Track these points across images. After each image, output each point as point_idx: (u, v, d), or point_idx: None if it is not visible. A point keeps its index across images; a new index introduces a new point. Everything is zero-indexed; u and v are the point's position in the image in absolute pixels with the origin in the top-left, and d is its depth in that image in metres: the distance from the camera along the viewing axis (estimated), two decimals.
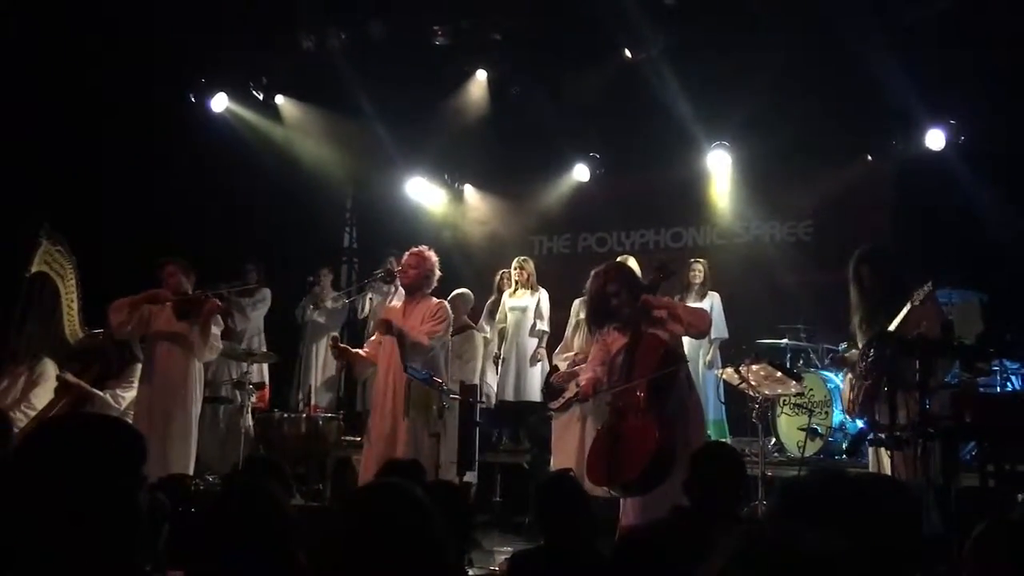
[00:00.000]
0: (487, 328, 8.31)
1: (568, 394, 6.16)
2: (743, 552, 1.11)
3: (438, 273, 5.87)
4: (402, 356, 5.53)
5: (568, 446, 6.05)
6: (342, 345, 6.18)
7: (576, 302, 7.04)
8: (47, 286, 6.31)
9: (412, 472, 3.69)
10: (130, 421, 5.52)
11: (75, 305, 6.32)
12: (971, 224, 7.50)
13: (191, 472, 6.10)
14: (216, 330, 6.27)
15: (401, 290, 6.14)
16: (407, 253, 5.91)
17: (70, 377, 6.17)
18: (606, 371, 5.09)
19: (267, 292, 8.78)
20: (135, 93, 8.36)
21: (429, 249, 5.89)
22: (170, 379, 6.10)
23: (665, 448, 4.40)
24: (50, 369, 6.40)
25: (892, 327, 4.69)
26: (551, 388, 6.32)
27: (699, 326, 4.93)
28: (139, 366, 6.37)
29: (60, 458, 1.61)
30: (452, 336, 6.33)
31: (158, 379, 6.11)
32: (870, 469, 4.89)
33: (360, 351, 6.04)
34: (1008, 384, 6.14)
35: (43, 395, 6.29)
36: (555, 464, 6.16)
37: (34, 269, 6.17)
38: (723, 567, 1.13)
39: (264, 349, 8.41)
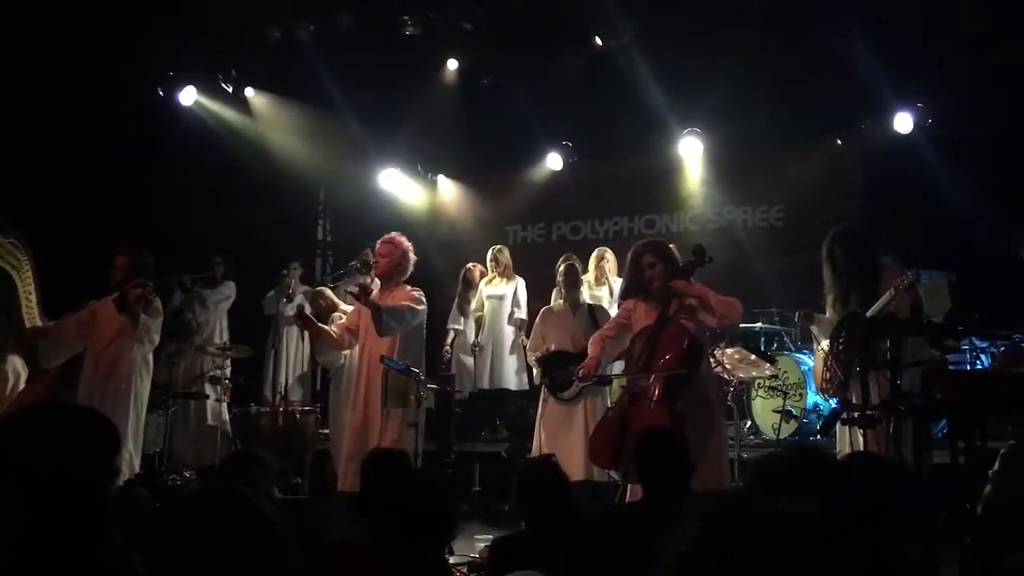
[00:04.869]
0: (460, 319, 8.32)
1: (578, 383, 6.13)
2: (716, 518, 1.13)
3: (412, 258, 5.84)
4: (377, 326, 5.49)
5: (573, 434, 6.03)
6: (307, 315, 6.19)
7: (555, 292, 7.06)
8: (2, 281, 6.13)
9: (398, 462, 3.69)
10: None
11: (33, 297, 6.12)
12: (939, 205, 7.60)
13: (136, 468, 6.02)
14: (149, 319, 6.09)
15: (377, 280, 6.11)
16: (379, 242, 5.88)
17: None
18: (613, 345, 5.06)
19: (232, 285, 8.69)
20: (103, 87, 8.26)
21: (400, 235, 5.86)
22: (111, 373, 5.98)
23: None
24: (19, 366, 6.32)
25: (871, 312, 4.75)
26: (556, 378, 6.24)
27: (732, 317, 4.86)
28: None
29: (30, 447, 1.60)
30: None
31: (99, 374, 5.99)
32: (838, 448, 4.95)
33: (329, 328, 6.05)
34: (978, 362, 6.25)
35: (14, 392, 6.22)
36: (560, 455, 6.14)
37: None
38: (695, 535, 1.14)
39: (227, 342, 8.36)
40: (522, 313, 8.00)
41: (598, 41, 8.65)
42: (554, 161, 9.50)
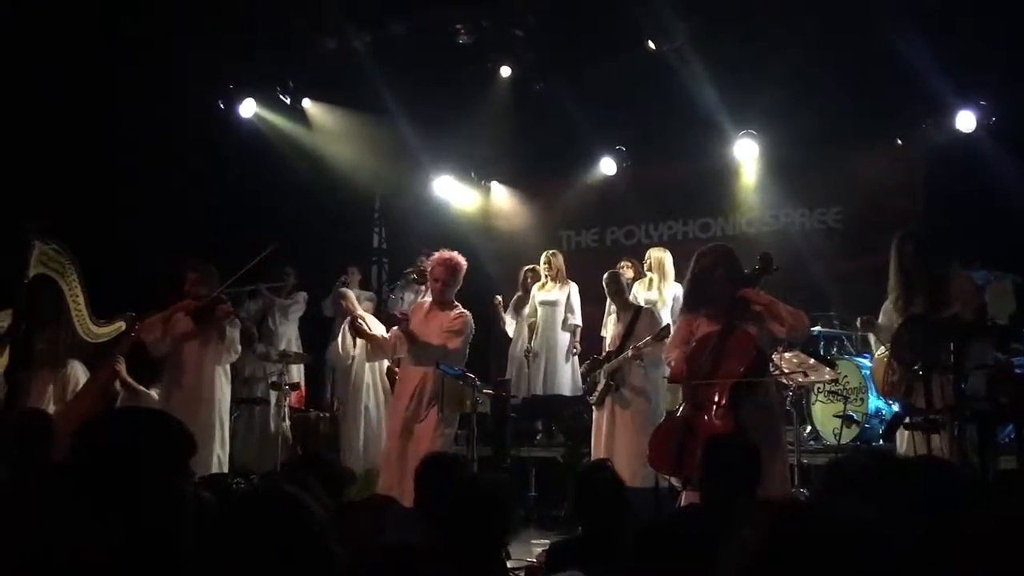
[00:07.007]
0: (512, 323, 8.35)
1: (601, 386, 6.21)
2: (777, 527, 1.13)
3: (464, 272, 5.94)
4: (411, 351, 5.74)
5: (599, 438, 6.12)
6: (360, 325, 6.59)
7: (607, 304, 7.10)
8: (49, 288, 6.16)
9: (455, 467, 3.71)
10: None
11: (80, 300, 6.20)
12: (1004, 206, 7.41)
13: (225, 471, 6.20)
14: (233, 332, 6.36)
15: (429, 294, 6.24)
16: (435, 263, 5.89)
17: (123, 373, 6.29)
18: (686, 356, 4.99)
19: (304, 296, 8.92)
20: (164, 101, 8.47)
21: (456, 254, 5.90)
22: (192, 383, 6.20)
23: None
24: (79, 371, 6.51)
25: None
26: (585, 385, 6.45)
27: (800, 330, 4.78)
28: None
29: (113, 451, 1.66)
30: None
31: (181, 384, 6.22)
32: (899, 452, 4.85)
33: (382, 336, 6.31)
34: None
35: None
36: (593, 456, 6.23)
37: (32, 273, 5.95)
38: (756, 542, 1.14)
39: (300, 351, 8.53)
40: (576, 319, 7.99)
41: (651, 44, 8.60)
42: (608, 166, 9.47)
